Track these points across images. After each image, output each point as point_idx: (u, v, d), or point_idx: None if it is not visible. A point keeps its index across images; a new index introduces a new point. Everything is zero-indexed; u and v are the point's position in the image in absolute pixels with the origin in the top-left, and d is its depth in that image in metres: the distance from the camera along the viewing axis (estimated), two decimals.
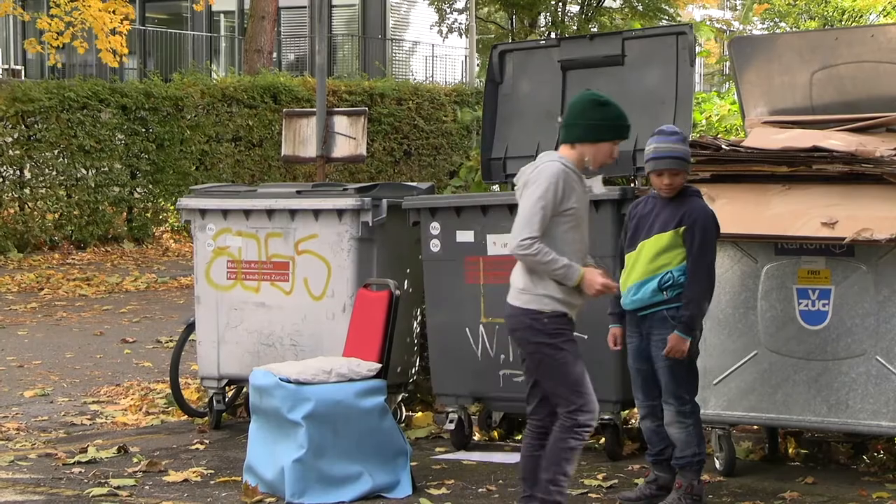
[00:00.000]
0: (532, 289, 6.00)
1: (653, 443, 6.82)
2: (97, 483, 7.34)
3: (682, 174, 6.63)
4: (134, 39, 35.51)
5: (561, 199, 5.95)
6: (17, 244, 19.61)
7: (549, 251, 5.92)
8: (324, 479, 6.91)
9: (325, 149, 10.19)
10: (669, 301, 6.57)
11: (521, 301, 6.04)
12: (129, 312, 14.76)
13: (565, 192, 5.96)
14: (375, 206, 8.31)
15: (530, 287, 6.00)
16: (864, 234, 6.80)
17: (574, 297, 6.03)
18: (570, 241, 6.01)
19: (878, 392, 6.98)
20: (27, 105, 19.74)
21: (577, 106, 6.19)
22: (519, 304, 6.04)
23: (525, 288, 6.02)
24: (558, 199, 5.94)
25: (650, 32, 8.83)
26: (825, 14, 35.77)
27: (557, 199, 5.94)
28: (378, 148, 25.18)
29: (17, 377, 10.92)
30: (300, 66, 37.15)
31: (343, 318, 8.10)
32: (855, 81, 7.72)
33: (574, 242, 6.03)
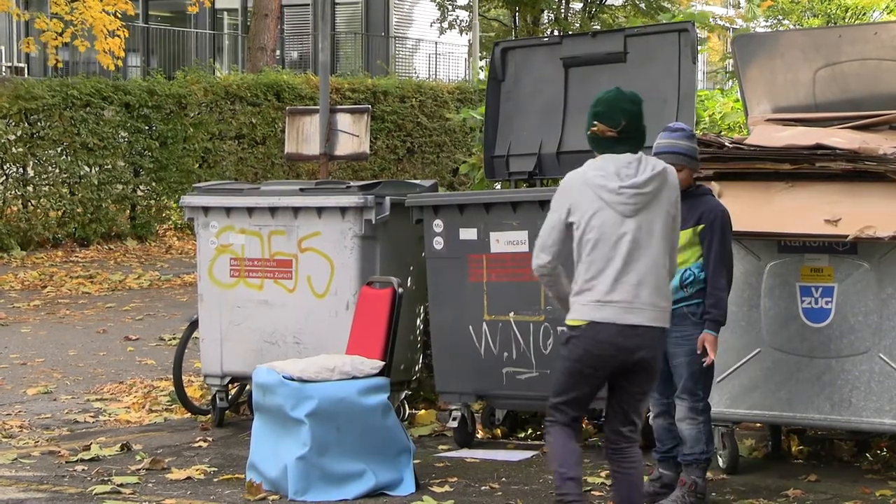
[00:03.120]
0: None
1: (663, 441, 6.82)
2: (100, 481, 7.34)
3: (686, 170, 6.63)
4: (137, 37, 35.52)
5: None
6: (20, 242, 19.61)
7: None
8: (327, 476, 6.92)
9: (328, 146, 10.19)
10: (690, 298, 6.59)
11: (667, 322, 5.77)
12: (132, 310, 14.76)
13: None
14: (378, 204, 8.31)
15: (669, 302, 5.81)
16: (867, 231, 6.80)
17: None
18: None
19: (881, 390, 6.98)
20: (30, 103, 19.73)
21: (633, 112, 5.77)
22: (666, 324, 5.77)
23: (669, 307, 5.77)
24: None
25: (652, 30, 8.83)
26: (828, 11, 35.72)
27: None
28: (381, 146, 25.17)
29: (20, 375, 10.92)
30: (303, 64, 37.13)
31: (346, 316, 8.10)
32: (858, 79, 7.71)
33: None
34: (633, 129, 5.76)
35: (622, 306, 5.60)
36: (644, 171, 5.67)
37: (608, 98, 5.82)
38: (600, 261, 5.63)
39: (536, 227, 7.77)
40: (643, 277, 5.62)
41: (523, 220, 7.89)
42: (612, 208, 5.61)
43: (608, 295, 5.60)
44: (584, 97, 8.58)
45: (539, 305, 7.84)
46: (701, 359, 6.55)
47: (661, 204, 5.69)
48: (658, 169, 5.70)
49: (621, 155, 5.71)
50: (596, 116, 5.77)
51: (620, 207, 5.61)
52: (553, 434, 5.78)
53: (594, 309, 5.63)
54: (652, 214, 5.65)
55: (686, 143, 6.67)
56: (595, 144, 5.81)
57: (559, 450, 5.74)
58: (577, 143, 8.55)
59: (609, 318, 5.59)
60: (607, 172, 5.66)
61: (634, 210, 5.62)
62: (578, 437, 5.84)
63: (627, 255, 5.61)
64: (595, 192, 5.64)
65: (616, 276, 5.61)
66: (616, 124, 5.72)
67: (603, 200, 5.63)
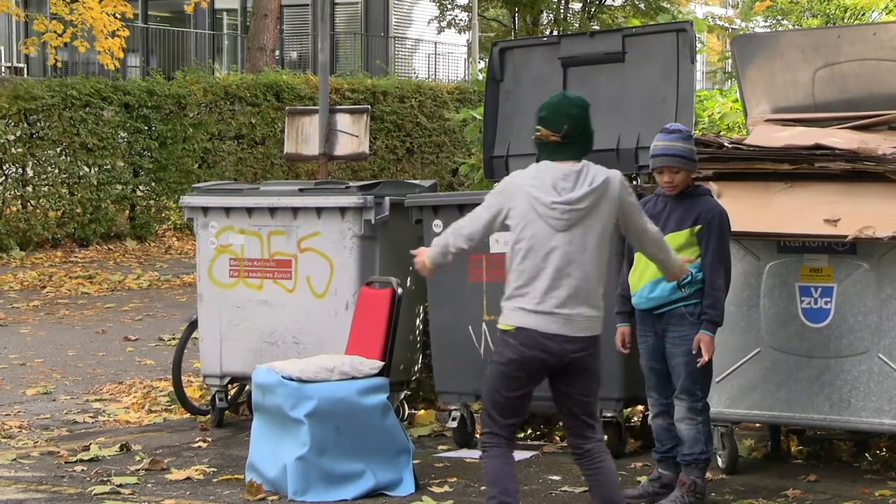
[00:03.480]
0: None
1: (662, 441, 6.82)
2: (99, 481, 7.34)
3: (682, 172, 6.64)
4: (136, 37, 35.50)
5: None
6: (19, 242, 19.61)
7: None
8: (326, 476, 6.92)
9: (327, 147, 10.19)
10: (688, 298, 6.60)
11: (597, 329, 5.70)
12: (131, 310, 14.76)
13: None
14: (378, 204, 8.31)
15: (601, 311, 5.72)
16: (867, 231, 6.80)
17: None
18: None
19: (880, 390, 6.98)
20: (29, 103, 19.73)
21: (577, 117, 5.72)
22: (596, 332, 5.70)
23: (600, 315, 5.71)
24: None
25: (650, 29, 8.83)
26: (827, 12, 35.76)
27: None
28: (380, 146, 25.17)
29: (19, 375, 10.92)
30: (303, 64, 37.13)
31: (345, 316, 8.10)
32: (857, 79, 7.71)
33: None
34: (578, 135, 5.68)
35: (551, 318, 5.58)
36: (581, 185, 5.60)
37: (552, 103, 5.77)
38: (531, 270, 5.59)
39: None
40: (574, 290, 5.57)
41: None
42: (544, 220, 5.57)
43: (538, 305, 5.58)
44: None
45: None
46: (697, 359, 6.56)
47: (598, 216, 5.61)
48: (597, 183, 5.61)
49: (562, 164, 5.65)
50: (540, 121, 5.72)
51: (553, 222, 5.57)
52: (488, 456, 5.73)
53: (523, 316, 5.61)
54: (586, 228, 5.59)
55: (682, 145, 6.66)
56: (540, 149, 5.76)
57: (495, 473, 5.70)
58: None
59: (538, 327, 5.58)
60: (543, 184, 5.61)
61: (567, 225, 5.57)
62: (512, 453, 5.77)
63: (558, 268, 5.57)
64: (530, 202, 5.60)
65: (546, 289, 5.57)
66: (559, 129, 5.66)
67: (536, 212, 5.59)
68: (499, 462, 5.70)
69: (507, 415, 5.73)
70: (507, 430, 5.74)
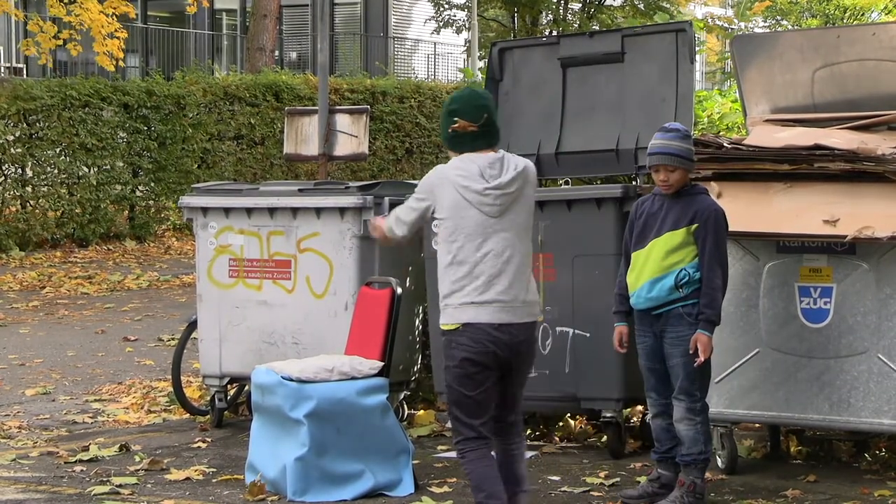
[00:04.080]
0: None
1: (661, 441, 6.82)
2: (99, 481, 7.35)
3: (678, 171, 6.64)
4: (136, 37, 35.48)
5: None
6: (18, 242, 19.60)
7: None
8: (326, 477, 6.92)
9: (327, 147, 10.19)
10: (685, 298, 6.59)
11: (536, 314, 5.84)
12: (130, 311, 14.76)
13: None
14: (377, 205, 8.31)
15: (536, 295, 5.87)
16: (866, 231, 6.80)
17: None
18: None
19: (879, 390, 6.98)
20: (29, 103, 19.72)
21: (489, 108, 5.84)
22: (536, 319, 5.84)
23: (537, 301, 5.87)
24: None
25: (650, 30, 8.83)
26: (827, 12, 35.75)
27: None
28: (380, 146, 25.17)
29: (18, 375, 10.92)
30: (302, 65, 37.13)
31: (345, 317, 8.10)
32: (857, 79, 7.72)
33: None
34: (492, 124, 5.81)
35: (497, 306, 5.64)
36: (507, 170, 5.72)
37: (465, 96, 5.88)
38: (470, 262, 5.66)
39: (536, 227, 7.80)
40: (514, 277, 5.68)
41: None
42: (477, 209, 5.65)
43: (482, 295, 5.63)
44: (583, 98, 8.60)
45: None
46: (695, 359, 6.56)
47: (525, 200, 5.77)
48: (520, 168, 5.75)
49: (483, 154, 5.76)
50: (455, 114, 5.80)
51: (486, 209, 5.66)
52: (468, 461, 5.73)
53: (467, 310, 5.66)
54: (516, 212, 5.72)
55: (679, 144, 6.66)
56: (455, 143, 5.83)
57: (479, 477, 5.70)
58: (576, 143, 8.57)
59: (484, 319, 5.63)
60: (471, 173, 5.69)
61: (500, 210, 5.67)
62: (490, 451, 5.77)
63: (497, 254, 5.66)
64: (460, 193, 5.67)
65: (488, 278, 5.64)
66: (477, 118, 5.76)
67: (468, 201, 5.66)
68: (479, 465, 5.71)
69: (475, 415, 5.73)
70: (479, 431, 5.74)
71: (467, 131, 5.77)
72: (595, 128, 8.51)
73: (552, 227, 7.81)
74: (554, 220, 7.81)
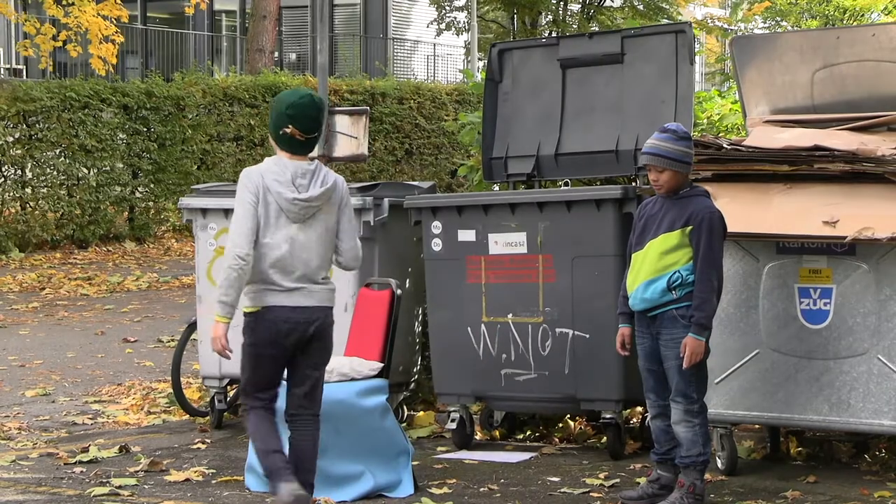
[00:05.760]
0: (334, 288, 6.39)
1: (660, 442, 6.82)
2: (99, 482, 7.34)
3: (667, 172, 6.63)
4: (135, 39, 35.50)
5: None
6: (18, 244, 19.61)
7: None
8: (325, 478, 6.91)
9: (326, 148, 10.18)
10: (679, 300, 6.59)
11: (333, 301, 6.36)
12: (130, 312, 14.76)
13: None
14: (377, 206, 8.32)
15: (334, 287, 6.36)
16: (866, 232, 6.80)
17: None
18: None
19: (879, 391, 6.98)
20: (28, 105, 19.73)
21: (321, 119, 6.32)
22: (331, 304, 6.35)
23: (334, 289, 6.37)
24: None
25: (649, 31, 8.82)
26: (826, 13, 35.76)
27: None
28: (379, 147, 25.18)
29: (18, 377, 10.92)
30: (302, 66, 37.13)
31: (345, 318, 8.08)
32: (856, 80, 7.72)
33: None
34: (319, 136, 6.36)
35: (292, 293, 6.24)
36: (315, 185, 6.26)
37: (304, 104, 6.28)
38: (272, 256, 6.21)
39: (535, 228, 7.83)
40: (306, 271, 6.24)
41: (522, 222, 7.90)
42: (284, 213, 6.21)
43: (280, 283, 6.22)
44: (582, 99, 8.60)
45: (538, 307, 7.85)
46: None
47: (328, 210, 6.30)
48: (328, 184, 6.28)
49: (300, 162, 6.29)
50: (291, 120, 6.25)
51: (292, 215, 6.22)
52: (251, 418, 6.35)
53: (268, 295, 6.24)
54: (317, 219, 6.28)
55: (670, 146, 6.64)
56: (283, 143, 6.30)
57: (258, 430, 6.31)
58: (576, 144, 8.57)
59: (281, 302, 6.24)
60: (284, 180, 6.23)
61: (303, 217, 6.25)
62: (273, 417, 6.34)
63: (293, 254, 6.22)
64: (274, 196, 6.22)
65: (285, 268, 6.21)
66: (308, 130, 6.27)
67: (278, 204, 6.22)
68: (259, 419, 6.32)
69: (264, 389, 6.35)
70: (266, 402, 6.35)
71: (296, 138, 6.26)
72: (594, 129, 8.51)
73: (552, 229, 7.82)
74: (553, 222, 7.81)
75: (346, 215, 6.37)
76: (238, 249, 6.17)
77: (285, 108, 6.25)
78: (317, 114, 6.28)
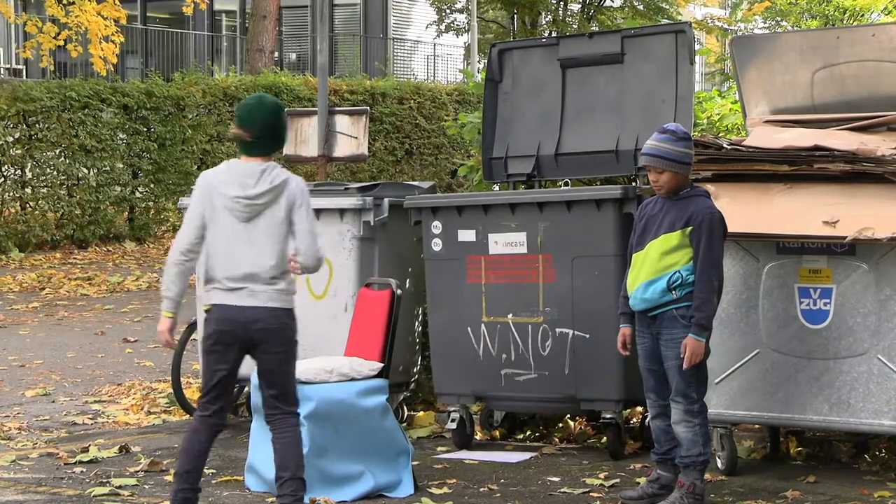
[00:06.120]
0: (290, 289, 6.25)
1: (661, 442, 6.82)
2: (99, 482, 7.35)
3: (667, 173, 6.63)
4: (135, 39, 35.50)
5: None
6: (18, 244, 19.60)
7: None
8: (325, 478, 6.91)
9: (326, 148, 10.19)
10: (679, 300, 6.59)
11: (285, 303, 6.22)
12: (130, 312, 14.76)
13: None
14: (377, 206, 8.32)
15: (289, 288, 6.25)
16: (866, 232, 6.80)
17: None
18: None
19: (879, 391, 6.98)
20: (28, 105, 19.72)
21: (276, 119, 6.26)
22: (284, 304, 6.21)
23: (285, 289, 6.22)
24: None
25: (649, 31, 8.83)
26: (826, 13, 35.74)
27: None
28: (379, 147, 25.17)
29: (18, 377, 10.92)
30: (302, 66, 37.12)
31: (345, 318, 8.10)
32: (856, 80, 7.72)
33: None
34: (266, 136, 6.23)
35: (235, 292, 6.19)
36: (262, 184, 6.18)
37: (248, 104, 6.31)
38: (220, 254, 6.23)
39: (535, 228, 7.83)
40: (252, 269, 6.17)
41: (522, 222, 7.90)
42: (229, 211, 6.19)
43: (224, 282, 6.22)
44: (582, 99, 8.60)
45: (538, 307, 7.85)
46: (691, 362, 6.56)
47: (275, 210, 6.19)
48: (276, 182, 6.18)
49: (248, 163, 6.24)
50: (238, 120, 6.28)
51: (236, 214, 6.19)
52: (191, 426, 6.36)
53: (214, 294, 6.29)
54: (263, 218, 6.19)
55: (669, 146, 6.63)
56: (236, 144, 6.35)
57: (184, 441, 6.31)
58: (576, 144, 8.57)
59: (224, 301, 6.24)
60: (230, 179, 6.22)
61: (247, 217, 6.19)
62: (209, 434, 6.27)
63: (239, 251, 6.19)
64: (219, 196, 6.23)
65: (229, 267, 6.20)
66: (251, 129, 6.22)
67: (224, 205, 6.21)
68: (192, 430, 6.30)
69: (208, 394, 6.27)
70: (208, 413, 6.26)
71: (242, 139, 6.24)
72: (594, 129, 8.51)
73: (552, 229, 7.82)
74: (553, 222, 7.81)
75: (299, 215, 6.20)
76: (178, 244, 6.26)
77: (236, 111, 6.35)
78: (263, 115, 6.21)
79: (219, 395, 6.26)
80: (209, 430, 6.26)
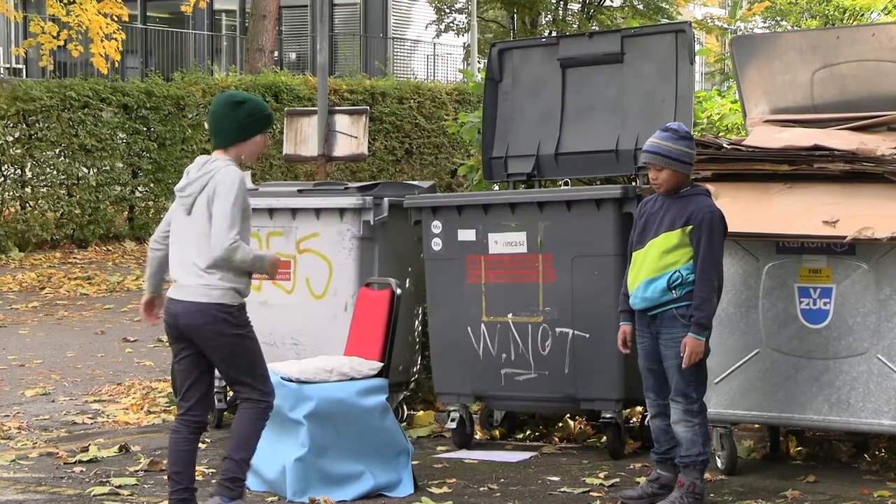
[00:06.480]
0: (221, 284, 6.17)
1: (660, 441, 6.82)
2: (98, 482, 7.35)
3: (666, 171, 6.63)
4: (135, 38, 35.49)
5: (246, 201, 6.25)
6: (18, 243, 19.60)
7: (249, 247, 6.23)
8: (325, 477, 6.92)
9: (326, 148, 10.19)
10: (679, 300, 6.58)
11: (210, 297, 6.16)
12: (130, 311, 14.75)
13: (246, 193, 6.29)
14: (377, 205, 8.32)
15: (219, 283, 6.17)
16: (866, 232, 6.80)
17: (248, 286, 6.32)
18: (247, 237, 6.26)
19: (879, 391, 6.98)
20: (28, 104, 19.73)
21: (219, 113, 6.33)
22: (208, 299, 6.16)
23: (211, 284, 6.16)
24: (247, 201, 6.25)
25: (649, 30, 8.83)
26: (826, 13, 35.75)
27: (247, 201, 6.25)
28: (379, 147, 25.17)
29: (18, 376, 10.92)
30: (301, 65, 37.13)
31: (345, 317, 8.10)
32: (856, 80, 7.71)
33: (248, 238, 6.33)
34: (214, 129, 6.35)
35: (175, 286, 6.28)
36: (190, 174, 6.28)
37: (214, 102, 6.44)
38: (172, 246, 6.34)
39: (535, 228, 7.83)
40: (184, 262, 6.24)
41: (522, 222, 7.90)
42: (178, 204, 6.33)
43: (171, 276, 6.34)
44: (582, 98, 8.60)
45: (538, 307, 7.85)
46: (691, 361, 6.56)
47: (201, 201, 6.21)
48: (203, 173, 6.23)
49: (202, 156, 6.39)
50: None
51: (181, 207, 6.31)
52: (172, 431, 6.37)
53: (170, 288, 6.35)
54: (198, 210, 6.22)
55: (669, 145, 6.64)
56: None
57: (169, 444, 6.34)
58: (576, 144, 8.57)
59: (170, 294, 6.31)
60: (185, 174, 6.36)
61: (186, 210, 6.26)
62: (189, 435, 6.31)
63: (177, 243, 6.30)
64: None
65: (175, 262, 6.31)
66: (209, 122, 6.41)
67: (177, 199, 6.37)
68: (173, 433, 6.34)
69: (179, 391, 6.34)
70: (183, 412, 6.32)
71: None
72: (594, 128, 8.51)
73: (552, 228, 7.82)
74: (553, 221, 7.81)
75: (216, 204, 6.14)
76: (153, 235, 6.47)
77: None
78: (213, 109, 6.35)
79: (187, 392, 6.30)
80: (187, 428, 6.30)
